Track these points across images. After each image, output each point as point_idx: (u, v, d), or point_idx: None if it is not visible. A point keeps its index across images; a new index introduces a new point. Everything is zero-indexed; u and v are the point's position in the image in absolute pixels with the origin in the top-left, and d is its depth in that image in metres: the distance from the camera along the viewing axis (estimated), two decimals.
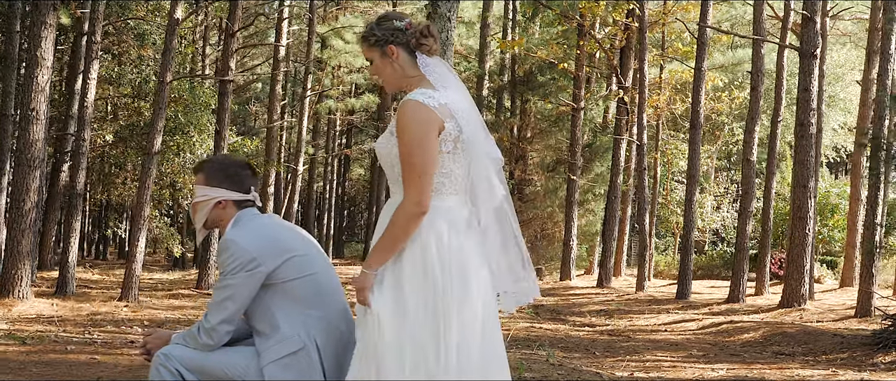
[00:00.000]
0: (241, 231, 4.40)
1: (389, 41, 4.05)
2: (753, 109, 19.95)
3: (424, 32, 4.10)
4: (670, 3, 23.83)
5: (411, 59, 4.07)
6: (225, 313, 4.29)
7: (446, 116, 3.89)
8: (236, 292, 4.27)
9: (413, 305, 3.84)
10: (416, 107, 3.84)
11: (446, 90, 3.98)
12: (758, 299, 20.57)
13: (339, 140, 40.47)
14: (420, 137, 3.81)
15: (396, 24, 4.07)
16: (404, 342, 3.83)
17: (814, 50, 18.02)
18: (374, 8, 35.74)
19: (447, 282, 3.84)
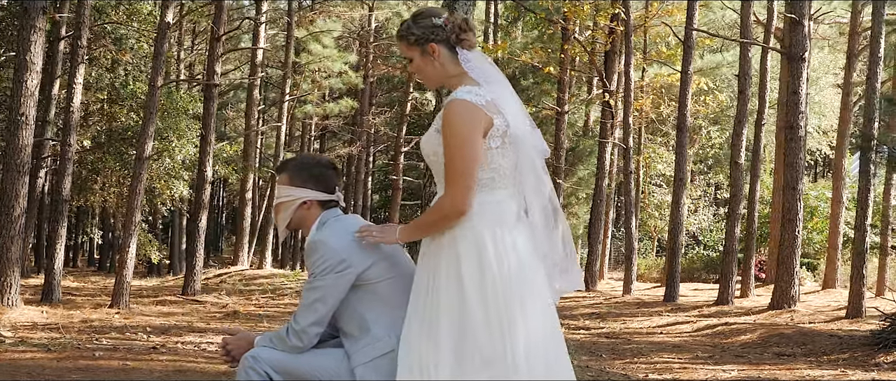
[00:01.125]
0: (329, 232, 4.34)
1: (430, 39, 4.00)
2: (741, 112, 20.10)
3: (463, 27, 4.04)
4: (655, 6, 23.95)
5: (452, 56, 4.01)
6: (315, 315, 4.24)
7: (494, 112, 3.85)
8: (326, 293, 4.23)
9: (475, 304, 3.82)
10: (464, 106, 3.80)
11: (491, 85, 3.95)
12: (744, 301, 20.71)
13: (314, 145, 40.28)
14: (465, 137, 3.78)
15: (435, 21, 4.00)
16: (467, 344, 3.82)
17: (802, 53, 18.18)
18: (349, 12, 35.63)
19: (506, 281, 3.82)
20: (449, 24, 4.02)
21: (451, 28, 4.01)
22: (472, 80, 3.95)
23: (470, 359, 3.82)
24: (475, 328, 3.81)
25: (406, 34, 4.05)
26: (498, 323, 3.80)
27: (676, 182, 21.07)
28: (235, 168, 28.38)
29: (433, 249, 4.00)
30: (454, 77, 4.01)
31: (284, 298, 22.16)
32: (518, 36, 25.70)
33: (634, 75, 24.47)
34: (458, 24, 4.04)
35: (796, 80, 18.21)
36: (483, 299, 3.82)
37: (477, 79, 3.96)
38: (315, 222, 4.48)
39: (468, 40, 4.02)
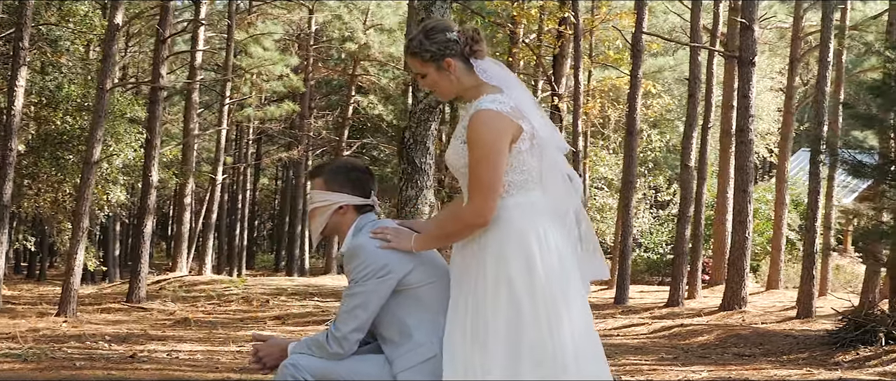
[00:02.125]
0: (368, 238, 4.25)
1: (445, 55, 3.96)
2: (691, 116, 20.30)
3: (475, 38, 4.02)
4: (603, 10, 24.10)
5: (468, 68, 3.99)
6: (356, 322, 4.17)
7: (519, 117, 3.87)
8: (368, 299, 4.15)
9: (526, 305, 3.84)
10: (489, 115, 3.81)
11: (511, 91, 3.96)
12: (692, 303, 20.88)
13: (251, 149, 39.85)
14: (491, 147, 3.79)
15: (449, 35, 3.97)
16: (520, 345, 3.84)
17: (752, 57, 18.42)
18: (287, 14, 35.29)
19: (551, 280, 3.85)
20: (462, 37, 3.99)
21: (465, 41, 3.99)
22: (492, 87, 3.95)
23: (522, 360, 3.83)
24: (526, 329, 3.83)
25: (420, 51, 4.00)
26: (546, 322, 3.83)
27: (626, 185, 21.21)
28: (176, 172, 27.88)
29: (473, 252, 3.99)
30: (471, 88, 4.01)
31: (231, 304, 21.85)
32: None
33: (582, 79, 24.61)
34: (470, 35, 4.01)
35: (746, 83, 18.45)
36: (533, 300, 3.83)
37: (497, 85, 3.96)
38: (351, 228, 4.40)
39: (481, 50, 4.01)
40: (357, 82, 33.87)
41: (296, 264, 34.96)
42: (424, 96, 10.45)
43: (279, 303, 21.94)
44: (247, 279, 27.90)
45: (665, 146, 32.46)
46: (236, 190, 37.92)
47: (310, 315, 19.53)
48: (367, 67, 33.52)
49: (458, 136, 3.96)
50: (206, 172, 32.99)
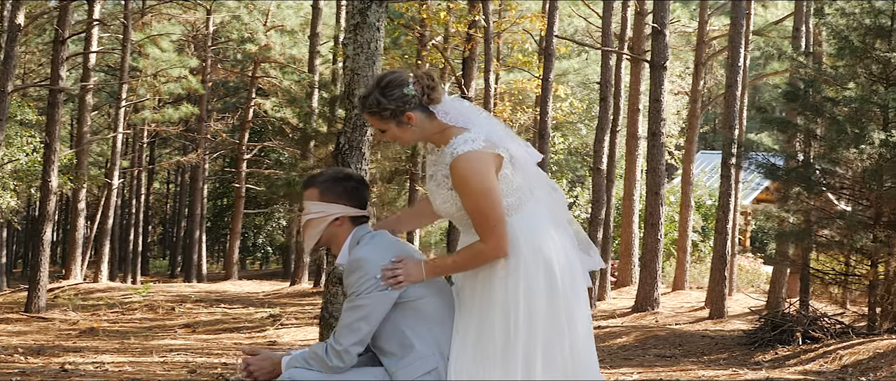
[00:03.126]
0: (369, 250, 4.19)
1: (404, 110, 3.97)
2: (603, 119, 20.46)
3: (431, 85, 4.03)
4: (513, 13, 24.14)
5: (428, 115, 4.01)
6: (358, 335, 4.10)
7: (493, 146, 3.92)
8: (369, 312, 4.09)
9: (542, 307, 3.92)
10: (470, 158, 3.85)
11: (476, 123, 4.01)
12: (603, 304, 21.04)
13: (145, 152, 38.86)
14: (484, 187, 3.84)
15: (406, 91, 3.97)
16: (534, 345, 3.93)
17: (664, 61, 18.69)
18: (183, 15, 34.52)
19: (565, 283, 3.96)
20: (418, 87, 3.98)
21: (422, 91, 3.98)
22: (458, 128, 3.95)
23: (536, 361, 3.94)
24: (543, 331, 3.93)
25: (378, 110, 4.01)
26: (566, 322, 3.96)
27: None
28: (70, 177, 26.98)
29: (483, 273, 4.03)
30: (436, 134, 4.02)
31: (136, 312, 21.22)
32: None
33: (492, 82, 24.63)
34: (425, 84, 4.01)
35: (658, 87, 18.70)
36: (552, 303, 3.93)
37: (463, 125, 3.97)
38: (347, 239, 4.31)
39: (438, 96, 4.01)
40: (257, 84, 33.33)
41: (193, 270, 34.20)
42: (360, 101, 10.23)
43: (185, 310, 21.42)
44: (151, 286, 27.15)
45: (567, 149, 32.77)
46: (130, 195, 36.96)
47: (220, 323, 19.10)
48: (268, 69, 32.99)
49: (440, 183, 4.02)
50: (99, 177, 32.03)
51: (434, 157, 4.09)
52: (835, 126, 13.36)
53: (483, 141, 3.88)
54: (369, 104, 4.02)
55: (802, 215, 15.40)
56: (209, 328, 18.08)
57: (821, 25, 14.78)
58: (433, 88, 4.00)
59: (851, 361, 12.75)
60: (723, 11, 26.26)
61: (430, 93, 3.98)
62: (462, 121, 3.98)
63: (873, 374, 11.99)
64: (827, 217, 14.83)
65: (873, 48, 13.96)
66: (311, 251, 4.54)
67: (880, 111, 13.91)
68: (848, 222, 14.28)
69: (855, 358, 12.80)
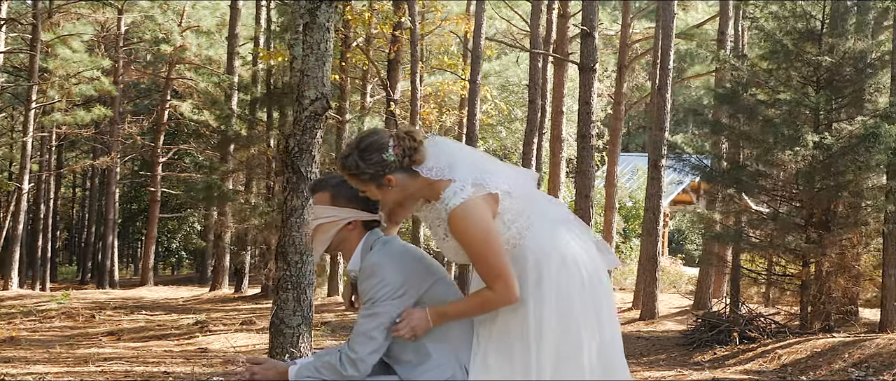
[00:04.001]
0: (385, 255, 4.08)
1: (384, 174, 3.89)
2: (532, 122, 20.48)
3: (412, 146, 3.93)
4: (438, 15, 24.03)
5: (410, 175, 3.92)
6: (374, 344, 3.98)
7: (484, 187, 3.86)
8: (387, 320, 3.97)
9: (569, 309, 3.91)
10: (465, 210, 3.79)
11: (459, 168, 3.92)
12: None
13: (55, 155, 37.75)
14: (484, 236, 3.80)
15: (385, 156, 3.88)
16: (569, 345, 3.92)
17: (593, 64, 18.71)
18: (93, 15, 33.60)
19: (593, 282, 3.95)
20: (399, 150, 3.89)
21: (403, 154, 3.89)
22: (444, 182, 3.87)
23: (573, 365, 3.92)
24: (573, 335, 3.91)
25: (357, 173, 3.92)
26: (595, 321, 3.95)
27: None
28: None
29: None
30: (422, 189, 3.95)
31: (54, 320, 20.55)
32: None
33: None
34: (407, 146, 3.91)
35: (588, 90, 18.71)
36: (582, 305, 3.92)
37: (448, 176, 3.89)
38: (360, 244, 4.18)
39: (420, 156, 3.91)
40: (173, 86, 32.65)
41: (106, 276, 33.35)
42: (310, 103, 10.01)
43: (106, 318, 20.83)
44: (70, 293, 26.38)
45: (488, 152, 32.76)
46: (39, 199, 35.89)
47: (145, 330, 18.60)
48: (184, 70, 32.34)
49: (444, 237, 3.95)
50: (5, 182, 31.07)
51: (426, 212, 4.03)
52: (772, 128, 13.57)
53: (471, 186, 3.82)
54: (348, 166, 3.93)
55: (734, 216, 15.62)
56: (135, 336, 17.58)
57: (753, 28, 15.01)
58: (415, 149, 3.90)
59: (790, 360, 12.95)
60: (644, 15, 26.56)
61: (412, 155, 3.89)
62: (446, 172, 3.89)
63: (813, 373, 12.20)
64: (759, 218, 15.07)
65: (805, 51, 14.23)
66: (320, 256, 4.39)
67: (811, 114, 14.19)
68: (780, 223, 14.52)
69: (793, 357, 13.01)
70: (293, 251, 9.95)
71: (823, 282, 14.11)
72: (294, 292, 9.92)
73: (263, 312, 21.69)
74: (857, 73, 14.23)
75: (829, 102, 14.04)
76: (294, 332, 9.88)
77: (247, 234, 26.54)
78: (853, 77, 14.25)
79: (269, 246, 24.68)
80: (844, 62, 14.13)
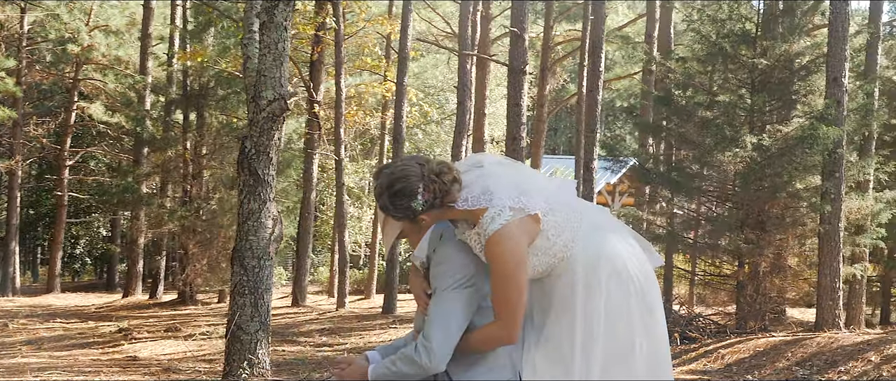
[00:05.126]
0: (457, 244, 3.94)
1: (415, 216, 3.82)
2: (461, 124, 20.37)
3: (444, 190, 3.82)
4: (362, 16, 23.75)
5: (444, 209, 3.84)
6: (447, 332, 3.83)
7: (521, 211, 3.77)
8: (459, 307, 3.84)
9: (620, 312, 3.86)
10: (501, 237, 3.72)
11: (498, 191, 3.81)
12: None
13: None
14: (509, 271, 3.74)
15: (414, 205, 3.78)
16: None
17: (524, 66, 18.72)
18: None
19: (642, 284, 3.90)
20: (429, 197, 3.79)
21: (434, 196, 3.79)
22: (480, 209, 3.77)
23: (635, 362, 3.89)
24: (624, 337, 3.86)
25: (390, 211, 3.85)
26: (651, 317, 3.91)
27: None
28: None
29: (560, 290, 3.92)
30: (460, 215, 3.85)
31: None
32: (210, 42, 24.43)
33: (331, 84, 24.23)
34: (437, 190, 3.80)
35: (518, 92, 18.70)
36: (634, 307, 3.87)
37: (484, 204, 3.78)
38: (427, 233, 4.04)
39: (452, 196, 3.82)
40: (80, 87, 31.62)
41: (9, 283, 32.11)
42: (267, 104, 9.74)
43: (20, 326, 20.04)
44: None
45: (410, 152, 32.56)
46: None
47: (66, 339, 17.98)
48: (92, 70, 31.34)
49: (483, 260, 3.83)
50: None
51: (467, 236, 3.89)
52: (712, 130, 13.70)
53: (509, 210, 3.73)
54: (381, 204, 3.87)
55: (668, 217, 15.76)
56: (56, 345, 16.95)
57: (689, 31, 15.15)
58: (447, 191, 3.80)
59: (734, 359, 13.10)
60: (565, 18, 26.72)
61: (443, 197, 3.80)
62: (482, 200, 3.78)
63: (758, 372, 12.35)
64: (694, 219, 15.23)
65: (740, 54, 14.43)
66: (389, 246, 4.33)
67: (747, 116, 14.40)
68: (717, 224, 14.69)
69: (737, 357, 13.16)
70: (250, 256, 9.67)
71: (760, 282, 14.32)
72: (251, 298, 9.65)
73: (184, 318, 21.19)
74: (792, 75, 14.48)
75: (765, 104, 14.25)
76: (252, 338, 9.61)
77: (162, 239, 25.90)
78: (787, 79, 14.49)
79: (186, 251, 24.10)
80: (779, 65, 14.36)
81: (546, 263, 3.88)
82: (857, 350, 12.21)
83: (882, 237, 14.47)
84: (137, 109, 26.23)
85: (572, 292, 3.86)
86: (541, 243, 3.82)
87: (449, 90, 32.68)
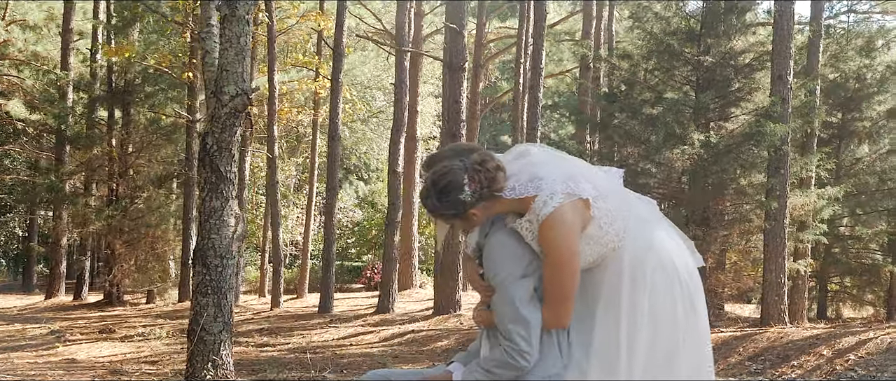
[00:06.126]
0: (508, 233, 3.87)
1: (466, 210, 3.75)
2: (398, 121, 20.23)
3: (491, 178, 3.76)
4: (295, 13, 23.45)
5: (495, 200, 3.77)
6: (527, 324, 3.73)
7: (573, 194, 3.71)
8: (525, 296, 3.76)
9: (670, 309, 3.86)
10: (554, 220, 3.66)
11: (546, 178, 3.77)
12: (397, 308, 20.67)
13: None
14: (564, 256, 3.69)
15: (462, 197, 3.72)
16: None
17: (462, 63, 18.70)
18: None
19: (688, 281, 3.89)
20: (476, 187, 3.72)
21: (481, 188, 3.72)
22: (531, 197, 3.72)
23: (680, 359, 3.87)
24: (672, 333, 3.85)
25: (438, 212, 3.81)
26: (693, 312, 3.89)
27: (329, 191, 20.82)
28: None
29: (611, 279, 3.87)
30: (510, 206, 3.79)
31: None
32: (137, 38, 23.86)
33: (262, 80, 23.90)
34: (484, 179, 3.74)
35: (457, 88, 18.70)
36: (682, 303, 3.86)
37: (534, 191, 3.73)
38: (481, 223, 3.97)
39: (499, 184, 3.75)
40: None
41: None
42: (229, 99, 9.51)
43: None
44: None
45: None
46: None
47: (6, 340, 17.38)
48: (7, 66, 30.36)
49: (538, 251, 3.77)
50: None
51: (520, 226, 3.81)
52: (660, 127, 13.80)
53: (562, 194, 3.67)
54: (429, 207, 3.82)
55: None
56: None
57: (635, 28, 15.24)
58: (493, 179, 3.73)
59: None
60: (497, 15, 26.72)
61: (491, 186, 3.73)
62: (530, 188, 3.73)
63: None
64: None
65: (686, 51, 14.56)
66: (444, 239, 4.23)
67: (693, 113, 14.54)
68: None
69: None
70: (213, 255, 9.42)
71: (706, 279, 14.46)
72: (214, 298, 9.40)
73: (115, 320, 20.68)
74: (736, 73, 14.66)
75: (710, 102, 14.40)
76: (215, 339, 9.35)
77: (87, 239, 25.24)
78: (731, 77, 14.68)
79: (113, 251, 23.52)
80: (723, 62, 14.53)
81: (598, 252, 3.82)
82: (808, 344, 12.40)
83: (824, 233, 14.70)
84: (60, 105, 25.47)
85: (619, 283, 3.81)
86: (593, 231, 3.76)
87: (376, 87, 32.54)
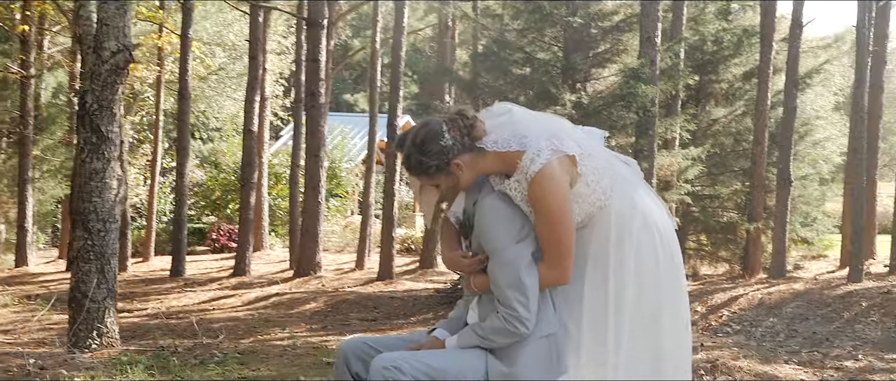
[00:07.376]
0: (497, 198, 3.81)
1: (448, 161, 3.74)
2: (253, 79, 19.71)
3: (469, 124, 3.78)
4: None
5: (477, 153, 3.77)
6: (523, 289, 3.70)
7: (559, 150, 3.70)
8: (523, 262, 3.73)
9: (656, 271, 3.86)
10: (543, 176, 3.63)
11: (530, 134, 3.77)
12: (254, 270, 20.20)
13: None
14: (558, 210, 3.66)
15: (443, 143, 3.73)
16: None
17: (322, 19, 18.34)
18: None
19: (670, 242, 3.91)
20: (455, 133, 3.73)
21: (461, 135, 3.73)
22: (517, 152, 3.71)
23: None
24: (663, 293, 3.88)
25: (422, 169, 3.78)
26: (678, 279, 3.95)
27: (180, 151, 20.13)
28: None
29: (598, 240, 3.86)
30: (495, 165, 3.78)
31: None
32: None
33: None
34: (462, 126, 3.75)
35: (316, 46, 18.36)
36: (668, 266, 3.87)
37: (519, 146, 3.72)
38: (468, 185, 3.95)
39: (478, 131, 3.76)
40: None
41: None
42: (111, 55, 8.96)
43: None
44: None
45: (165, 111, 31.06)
46: None
47: None
48: None
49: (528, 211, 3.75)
50: None
51: (502, 184, 3.78)
52: (532, 86, 13.84)
53: (548, 150, 3.64)
54: (412, 166, 3.77)
55: None
56: None
57: None
58: (472, 126, 3.72)
59: None
60: None
61: (470, 132, 3.72)
62: (513, 142, 3.72)
63: None
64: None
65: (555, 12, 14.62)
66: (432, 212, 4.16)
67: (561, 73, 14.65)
68: None
69: None
70: (95, 219, 8.92)
71: None
72: (97, 264, 8.93)
73: None
74: (604, 34, 14.84)
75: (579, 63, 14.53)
76: (99, 306, 8.89)
77: None
78: (600, 38, 14.85)
79: None
80: (592, 23, 14.68)
81: (586, 210, 3.79)
82: None
83: (688, 193, 15.11)
84: None
85: (606, 241, 3.80)
86: (581, 189, 3.74)
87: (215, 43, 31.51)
